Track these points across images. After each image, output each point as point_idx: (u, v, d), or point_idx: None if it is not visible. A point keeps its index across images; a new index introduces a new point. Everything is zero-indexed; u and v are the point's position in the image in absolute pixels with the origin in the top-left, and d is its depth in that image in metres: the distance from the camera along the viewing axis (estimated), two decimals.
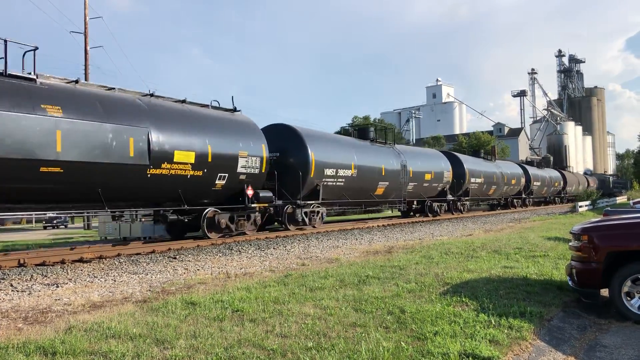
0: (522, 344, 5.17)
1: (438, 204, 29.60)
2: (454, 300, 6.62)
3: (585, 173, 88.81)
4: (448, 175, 30.33)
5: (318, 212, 20.49)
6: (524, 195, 43.12)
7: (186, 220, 15.76)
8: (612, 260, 6.65)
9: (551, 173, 52.45)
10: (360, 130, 26.44)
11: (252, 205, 16.93)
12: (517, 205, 42.28)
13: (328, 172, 20.09)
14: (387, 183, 24.29)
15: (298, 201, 19.16)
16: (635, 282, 6.47)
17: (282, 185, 18.58)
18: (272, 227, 20.27)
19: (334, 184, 20.67)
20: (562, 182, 54.67)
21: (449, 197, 30.24)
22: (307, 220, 19.79)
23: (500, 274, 8.67)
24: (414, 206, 28.48)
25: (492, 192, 37.19)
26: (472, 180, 32.75)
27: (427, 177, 28.00)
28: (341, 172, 20.90)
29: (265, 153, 17.48)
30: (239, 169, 16.39)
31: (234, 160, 16.18)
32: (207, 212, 15.59)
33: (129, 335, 5.18)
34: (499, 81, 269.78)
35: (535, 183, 45.12)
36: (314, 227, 20.01)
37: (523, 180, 42.70)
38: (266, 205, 17.84)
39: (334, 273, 8.77)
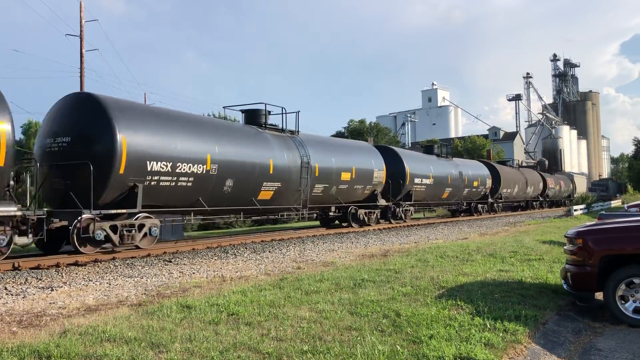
0: (517, 348, 5.18)
1: (366, 210, 23.47)
2: (449, 304, 6.63)
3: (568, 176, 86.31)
4: (380, 174, 23.97)
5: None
6: (490, 200, 37.56)
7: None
8: (607, 263, 6.68)
9: (529, 175, 45.40)
10: (247, 113, 19.23)
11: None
12: (482, 212, 36.61)
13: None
14: (277, 184, 17.95)
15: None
16: (630, 286, 6.50)
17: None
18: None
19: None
20: (541, 185, 48.69)
21: (381, 202, 24.32)
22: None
23: (496, 278, 8.70)
24: (331, 214, 22.44)
25: (446, 196, 31.37)
26: (417, 181, 26.99)
27: (345, 176, 21.56)
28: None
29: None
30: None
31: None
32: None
33: (124, 338, 5.16)
34: (494, 85, 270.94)
35: (505, 186, 39.46)
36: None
37: (489, 182, 36.87)
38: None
39: (330, 276, 8.78)
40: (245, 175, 16.38)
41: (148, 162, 13.29)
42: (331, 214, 22.39)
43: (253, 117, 18.87)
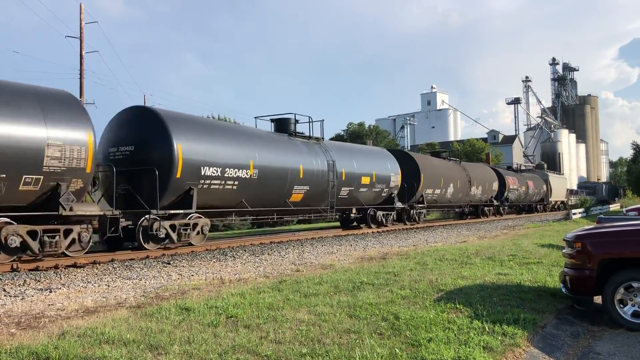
0: (515, 351, 5.19)
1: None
2: (448, 307, 6.64)
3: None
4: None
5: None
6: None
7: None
8: (605, 267, 6.69)
9: (475, 171, 37.45)
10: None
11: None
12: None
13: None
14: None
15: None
16: (628, 290, 6.51)
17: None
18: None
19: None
20: (495, 185, 41.32)
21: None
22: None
23: (494, 281, 8.70)
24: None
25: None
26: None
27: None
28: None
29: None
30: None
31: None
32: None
33: (122, 340, 5.16)
34: (492, 89, 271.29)
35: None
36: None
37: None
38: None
39: (329, 279, 8.77)
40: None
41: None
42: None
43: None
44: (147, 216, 13.53)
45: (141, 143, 14.27)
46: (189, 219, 14.81)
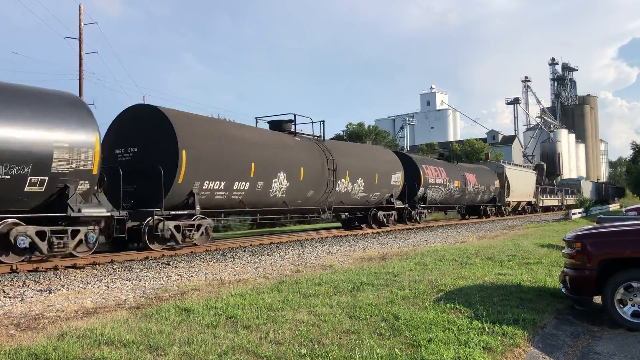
0: (515, 351, 5.18)
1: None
2: (447, 307, 6.63)
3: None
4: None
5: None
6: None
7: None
8: (605, 267, 6.69)
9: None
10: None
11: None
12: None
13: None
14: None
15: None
16: (628, 289, 6.50)
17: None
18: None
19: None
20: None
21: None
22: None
23: (494, 281, 8.70)
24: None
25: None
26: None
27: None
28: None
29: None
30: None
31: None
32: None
33: (122, 341, 5.15)
34: (492, 89, 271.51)
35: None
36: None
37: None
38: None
39: (328, 279, 8.77)
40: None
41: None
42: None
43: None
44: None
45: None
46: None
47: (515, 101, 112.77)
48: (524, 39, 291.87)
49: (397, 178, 25.66)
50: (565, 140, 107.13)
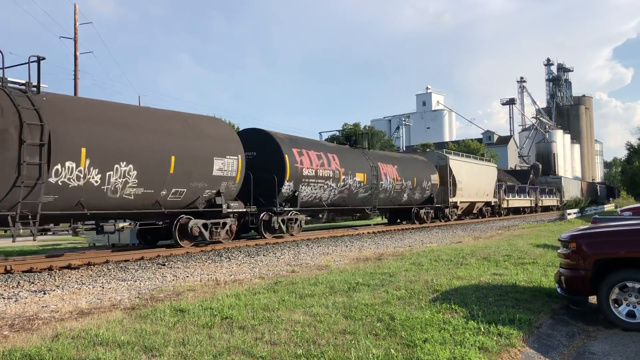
0: (511, 351, 5.18)
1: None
2: (443, 307, 6.63)
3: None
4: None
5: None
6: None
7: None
8: (600, 267, 6.70)
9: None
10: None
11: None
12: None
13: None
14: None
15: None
16: (623, 289, 6.51)
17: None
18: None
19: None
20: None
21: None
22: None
23: (490, 281, 8.70)
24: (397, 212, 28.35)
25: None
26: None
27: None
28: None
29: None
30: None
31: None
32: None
33: (116, 342, 5.13)
34: (487, 89, 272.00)
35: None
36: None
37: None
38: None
39: (324, 280, 8.76)
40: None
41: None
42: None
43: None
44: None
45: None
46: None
47: (510, 102, 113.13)
48: (519, 40, 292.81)
49: (230, 163, 16.27)
50: (561, 141, 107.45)
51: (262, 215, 18.32)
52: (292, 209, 19.44)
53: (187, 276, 10.09)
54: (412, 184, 27.71)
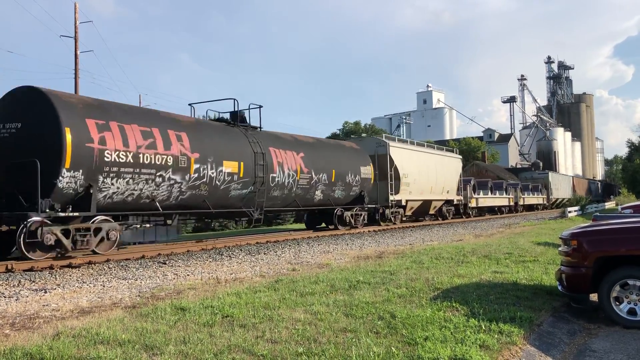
0: (512, 349, 5.18)
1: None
2: (444, 305, 6.63)
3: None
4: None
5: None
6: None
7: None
8: (601, 265, 6.69)
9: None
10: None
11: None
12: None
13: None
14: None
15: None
16: (624, 287, 6.51)
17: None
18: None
19: None
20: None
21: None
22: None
23: (491, 279, 8.70)
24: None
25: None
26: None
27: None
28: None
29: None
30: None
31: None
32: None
33: (117, 341, 5.13)
34: (488, 87, 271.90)
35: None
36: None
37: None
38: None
39: (325, 278, 8.76)
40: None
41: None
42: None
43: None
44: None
45: None
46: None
47: (511, 99, 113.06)
48: (519, 38, 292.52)
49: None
50: (562, 139, 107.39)
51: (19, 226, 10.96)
52: (82, 213, 11.92)
53: (188, 275, 10.09)
54: (329, 178, 20.31)
